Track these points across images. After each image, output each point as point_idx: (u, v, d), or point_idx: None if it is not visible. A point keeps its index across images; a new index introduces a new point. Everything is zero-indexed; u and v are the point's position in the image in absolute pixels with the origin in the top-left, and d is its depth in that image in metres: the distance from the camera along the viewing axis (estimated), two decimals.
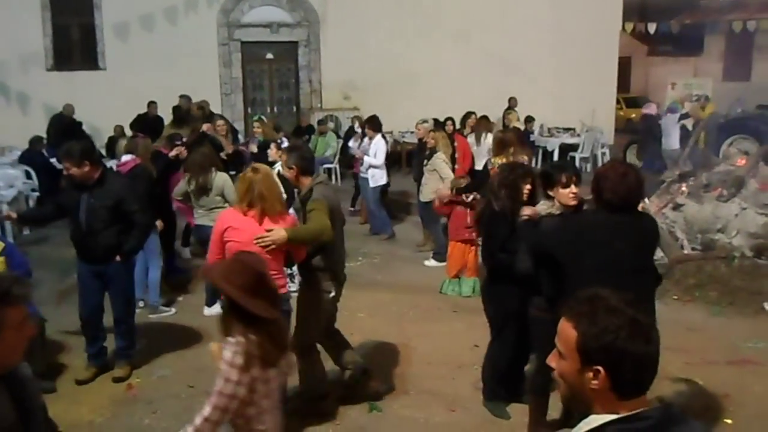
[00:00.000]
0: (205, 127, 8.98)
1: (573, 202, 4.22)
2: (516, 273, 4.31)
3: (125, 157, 7.05)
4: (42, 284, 7.27)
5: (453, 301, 7.26)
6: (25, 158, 11.52)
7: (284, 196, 4.93)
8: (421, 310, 7.06)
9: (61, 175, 11.20)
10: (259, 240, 4.22)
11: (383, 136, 10.02)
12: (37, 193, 11.06)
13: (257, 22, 16.25)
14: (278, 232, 4.26)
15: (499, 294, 4.70)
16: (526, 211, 4.25)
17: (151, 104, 13.97)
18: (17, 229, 10.00)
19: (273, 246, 4.25)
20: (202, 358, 5.08)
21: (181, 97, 13.45)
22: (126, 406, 5.24)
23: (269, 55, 16.69)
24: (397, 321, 6.75)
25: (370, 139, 9.90)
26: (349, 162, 12.63)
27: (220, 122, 9.71)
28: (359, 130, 11.31)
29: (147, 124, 12.79)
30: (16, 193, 10.24)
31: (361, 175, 10.12)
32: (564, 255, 3.69)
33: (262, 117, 10.66)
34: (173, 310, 7.11)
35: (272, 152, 7.95)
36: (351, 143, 11.51)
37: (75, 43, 15.95)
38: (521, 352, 4.90)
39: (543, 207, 4.35)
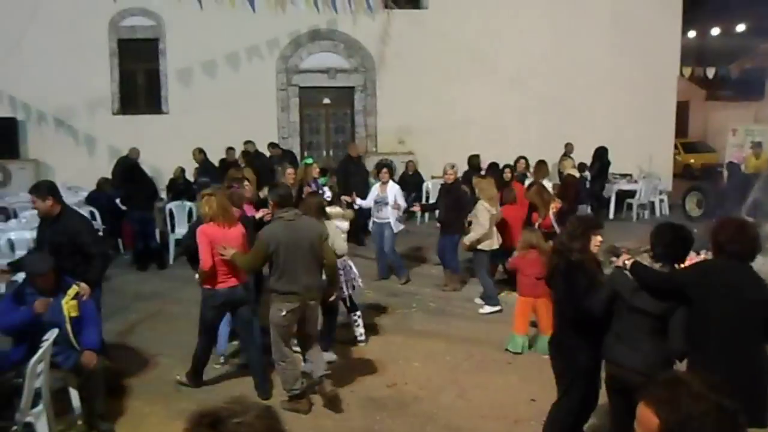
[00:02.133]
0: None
1: None
2: (596, 317, 4.33)
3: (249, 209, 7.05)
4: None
5: (508, 352, 7.14)
6: (91, 199, 11.91)
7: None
8: (475, 360, 6.97)
9: (123, 215, 11.60)
10: (219, 250, 5.77)
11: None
12: (100, 233, 11.38)
13: (315, 68, 16.61)
14: (229, 251, 5.78)
15: (572, 349, 4.58)
16: (620, 262, 4.32)
17: (229, 150, 13.96)
18: None
19: (224, 257, 5.81)
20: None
21: (247, 142, 13.64)
22: None
23: (326, 100, 17.00)
24: (451, 371, 6.67)
25: (384, 183, 10.00)
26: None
27: (289, 170, 9.50)
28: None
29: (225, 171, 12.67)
30: None
31: (376, 220, 10.08)
32: (695, 293, 3.89)
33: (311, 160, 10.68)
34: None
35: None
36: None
37: (140, 88, 16.57)
38: (585, 410, 4.79)
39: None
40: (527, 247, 7.31)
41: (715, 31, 27.51)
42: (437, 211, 10.27)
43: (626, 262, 4.19)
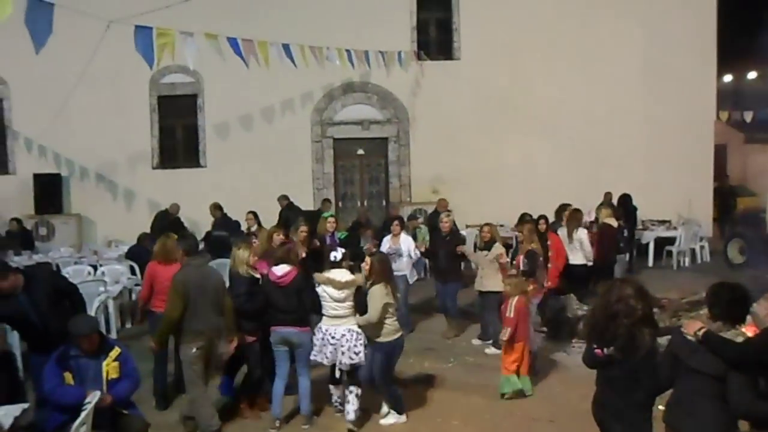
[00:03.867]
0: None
1: None
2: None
3: (282, 269, 6.49)
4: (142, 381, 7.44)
5: (549, 409, 6.96)
6: (131, 253, 12.07)
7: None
8: (516, 418, 6.80)
9: None
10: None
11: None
12: (139, 287, 11.50)
13: (349, 120, 16.87)
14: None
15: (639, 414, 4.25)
16: (692, 328, 4.00)
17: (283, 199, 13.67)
18: (119, 322, 10.43)
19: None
20: None
21: (281, 198, 13.69)
22: None
23: (360, 151, 17.19)
24: (492, 430, 6.52)
25: (396, 236, 9.98)
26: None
27: (303, 228, 9.15)
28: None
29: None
30: (121, 288, 10.69)
31: (397, 273, 9.13)
32: None
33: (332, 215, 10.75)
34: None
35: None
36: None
37: (179, 143, 16.97)
38: None
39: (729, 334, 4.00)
40: (518, 293, 7.37)
41: (752, 74, 27.31)
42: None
43: (698, 333, 3.91)
